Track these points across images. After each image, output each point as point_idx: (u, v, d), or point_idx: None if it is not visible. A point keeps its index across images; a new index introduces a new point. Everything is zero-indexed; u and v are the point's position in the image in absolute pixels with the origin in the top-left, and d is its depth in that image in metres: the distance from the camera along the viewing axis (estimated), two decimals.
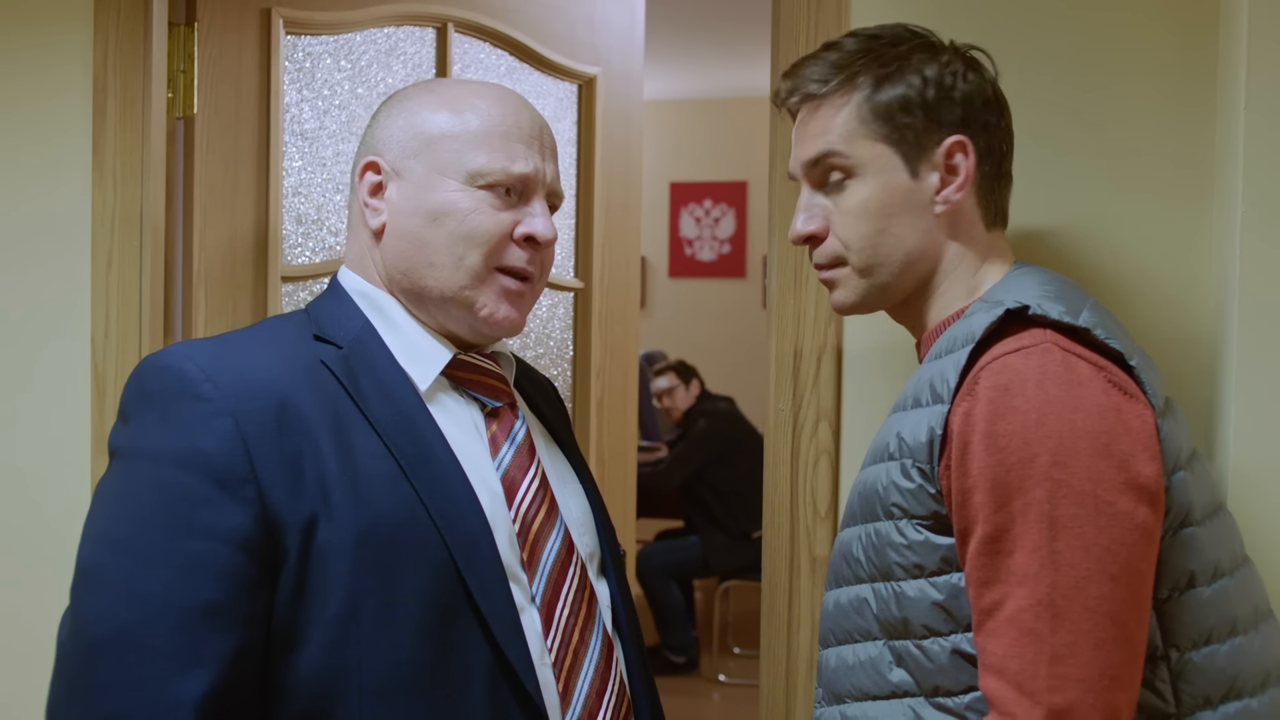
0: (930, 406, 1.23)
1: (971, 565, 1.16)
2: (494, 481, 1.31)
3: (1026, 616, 1.12)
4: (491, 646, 1.22)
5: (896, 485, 1.23)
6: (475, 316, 1.32)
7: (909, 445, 1.22)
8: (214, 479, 1.15)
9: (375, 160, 1.34)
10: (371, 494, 1.20)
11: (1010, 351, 1.18)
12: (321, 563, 1.17)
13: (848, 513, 1.32)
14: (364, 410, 1.24)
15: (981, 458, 1.15)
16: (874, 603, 1.25)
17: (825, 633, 1.33)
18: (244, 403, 1.18)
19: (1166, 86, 1.63)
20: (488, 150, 1.31)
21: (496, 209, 1.32)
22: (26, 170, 1.98)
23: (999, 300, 1.24)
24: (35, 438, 1.99)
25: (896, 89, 1.32)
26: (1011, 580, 1.13)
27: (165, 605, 1.12)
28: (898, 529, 1.23)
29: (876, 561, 1.25)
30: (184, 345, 1.25)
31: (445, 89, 1.37)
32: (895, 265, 1.34)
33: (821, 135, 1.34)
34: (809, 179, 1.37)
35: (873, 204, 1.32)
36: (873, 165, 1.33)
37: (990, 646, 1.14)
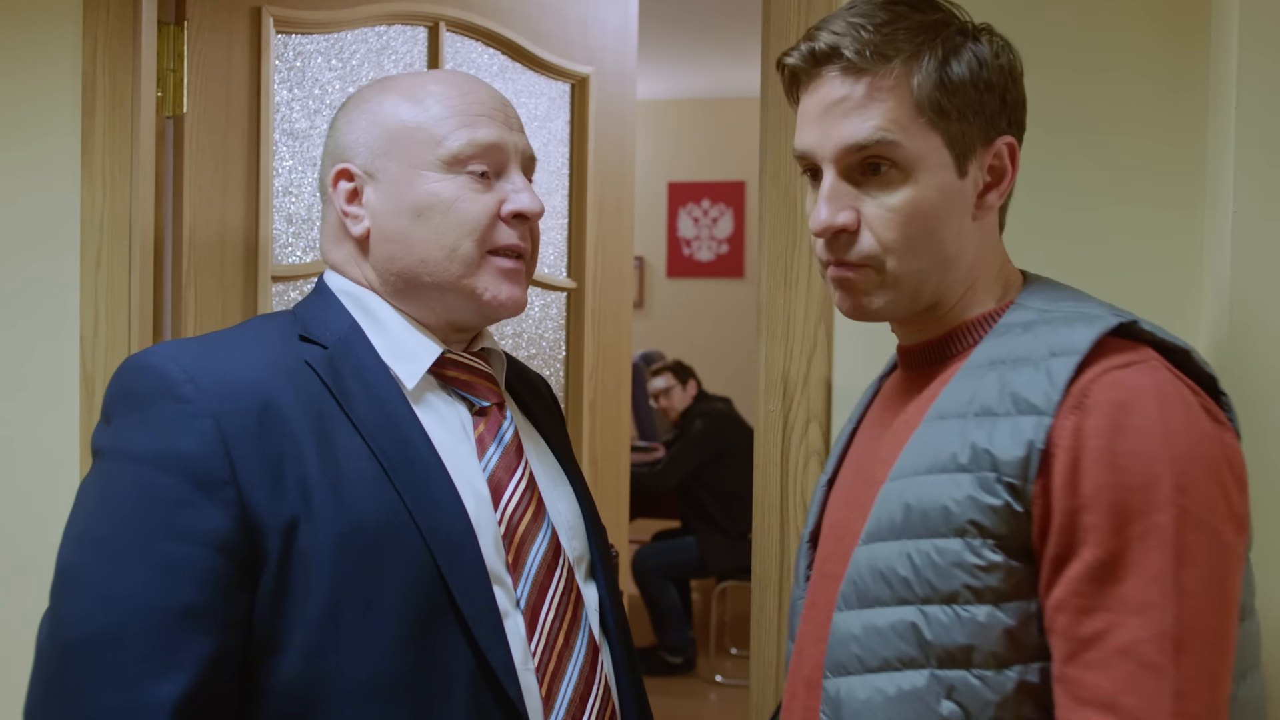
0: (1018, 417, 1.10)
1: (1069, 590, 1.07)
2: (480, 483, 1.29)
3: (1147, 649, 1.03)
4: (473, 651, 1.21)
5: (976, 501, 1.10)
6: (479, 302, 1.31)
7: (997, 458, 1.09)
8: (194, 481, 1.14)
9: (346, 167, 1.33)
10: (353, 497, 1.19)
11: (1119, 366, 1.09)
12: (302, 566, 1.16)
13: (877, 525, 1.17)
14: (348, 412, 1.23)
15: (1097, 476, 1.06)
16: (927, 628, 1.11)
17: (845, 659, 1.16)
18: (225, 404, 1.17)
19: (1158, 85, 1.63)
20: (454, 130, 1.30)
21: (478, 192, 1.30)
22: (15, 170, 1.98)
23: (1081, 313, 1.15)
24: (24, 437, 1.99)
25: (960, 72, 1.16)
26: (1124, 609, 1.04)
27: (143, 607, 1.11)
28: (971, 549, 1.10)
29: (935, 582, 1.11)
30: (167, 345, 1.25)
31: (400, 83, 1.36)
32: (930, 272, 1.20)
33: (871, 119, 1.16)
34: (839, 165, 1.19)
35: (923, 204, 1.17)
36: (926, 160, 1.17)
37: (1093, 679, 1.05)
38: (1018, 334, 1.18)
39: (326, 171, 1.36)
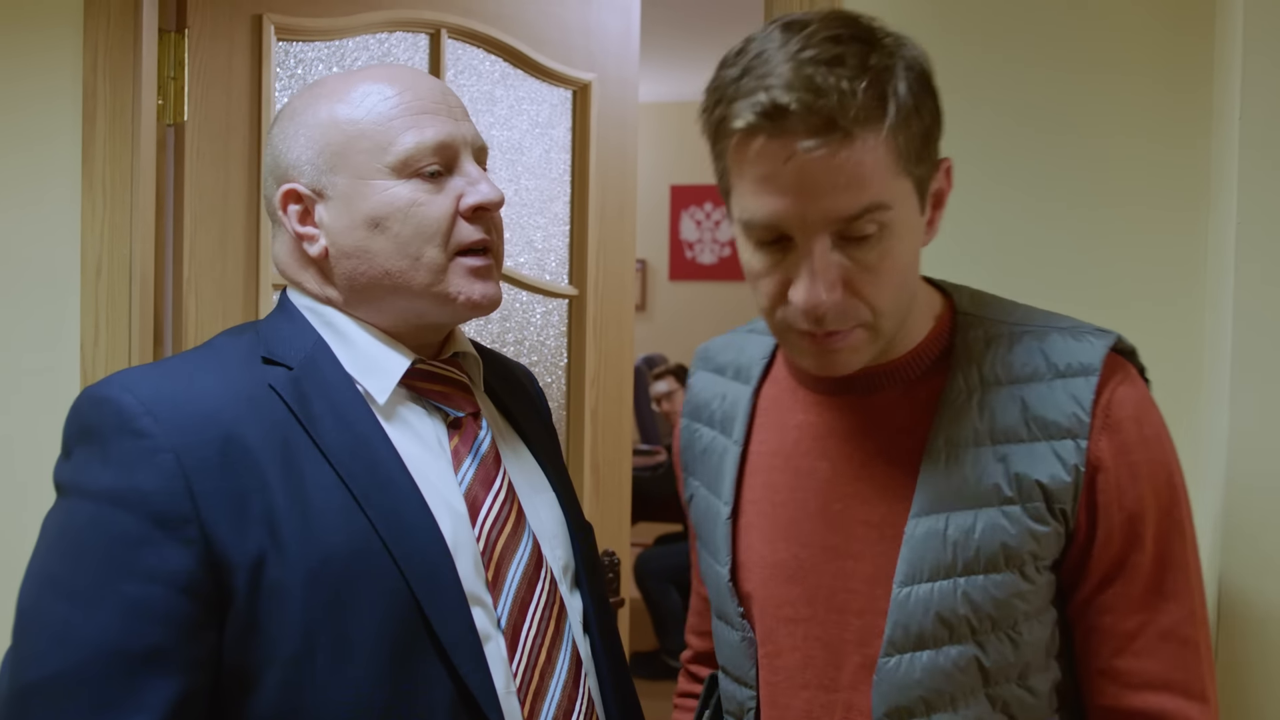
0: (1051, 441, 1.13)
1: (1119, 592, 1.16)
2: (456, 499, 1.25)
3: (1183, 629, 1.16)
4: (453, 680, 1.17)
5: (1032, 532, 1.13)
6: (453, 305, 1.27)
7: (1048, 488, 1.13)
8: (154, 519, 1.10)
9: (293, 188, 1.27)
10: (323, 528, 1.14)
11: (1120, 382, 1.16)
12: (272, 602, 1.12)
13: (919, 565, 1.14)
14: (315, 438, 1.18)
15: (1136, 487, 1.14)
16: (987, 658, 1.14)
17: (909, 703, 1.15)
18: (186, 437, 1.12)
19: (1161, 88, 1.63)
20: (399, 134, 1.24)
21: (433, 193, 1.25)
22: (15, 177, 1.97)
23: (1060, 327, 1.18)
24: (24, 445, 1.98)
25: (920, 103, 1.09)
26: (1159, 597, 1.16)
27: (101, 650, 1.07)
28: (1025, 576, 1.14)
29: (995, 616, 1.14)
30: (124, 375, 1.19)
31: (331, 87, 1.29)
32: (903, 317, 1.17)
33: (858, 183, 1.05)
34: (831, 231, 1.08)
35: (904, 256, 1.12)
36: (904, 214, 1.10)
37: (1142, 665, 1.16)
38: (1000, 349, 1.18)
39: (272, 192, 1.30)
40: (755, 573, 1.27)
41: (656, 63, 6.27)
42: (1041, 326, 1.19)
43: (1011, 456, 1.14)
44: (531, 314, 2.46)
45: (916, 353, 1.21)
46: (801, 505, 1.24)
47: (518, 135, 2.41)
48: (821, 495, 1.23)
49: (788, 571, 1.24)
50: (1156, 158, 1.63)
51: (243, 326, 1.33)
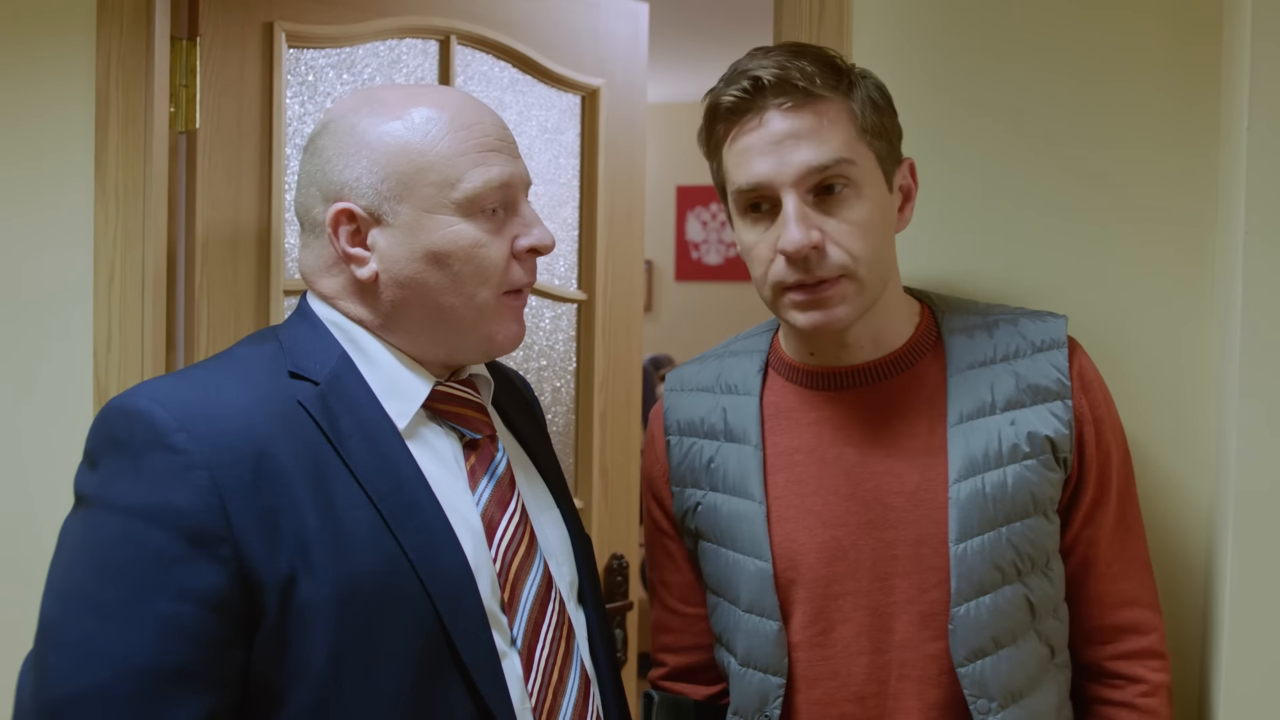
0: (1045, 404, 1.36)
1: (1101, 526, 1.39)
2: (474, 519, 1.27)
3: (1143, 554, 1.42)
4: (473, 698, 1.19)
5: (1050, 479, 1.35)
6: (492, 344, 1.29)
7: (1055, 441, 1.35)
8: (188, 536, 1.09)
9: (348, 208, 1.25)
10: (353, 548, 1.15)
11: (1076, 350, 1.41)
12: (301, 622, 1.12)
13: (967, 523, 1.32)
14: (344, 456, 1.19)
15: (1106, 436, 1.39)
16: (1034, 595, 1.34)
17: (981, 643, 1.32)
18: (220, 454, 1.12)
19: (1169, 100, 1.63)
20: (468, 170, 1.24)
21: (494, 234, 1.26)
22: (29, 184, 1.98)
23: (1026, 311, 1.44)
24: (37, 451, 1.99)
25: (882, 102, 1.34)
26: (1125, 528, 1.41)
27: (132, 668, 1.07)
28: (1047, 518, 1.36)
29: (1034, 555, 1.34)
30: (153, 387, 1.19)
31: (392, 108, 1.26)
32: (885, 283, 1.35)
33: (828, 142, 1.27)
34: (798, 188, 1.27)
35: (875, 217, 1.31)
36: (870, 178, 1.31)
37: (1121, 587, 1.40)
38: (984, 335, 1.40)
39: (316, 206, 1.28)
40: (799, 560, 1.37)
41: (663, 64, 6.28)
42: (1010, 314, 1.43)
43: (1020, 419, 1.34)
44: (540, 318, 2.47)
45: (911, 344, 1.40)
46: (834, 491, 1.37)
47: (527, 141, 2.42)
48: (851, 479, 1.37)
49: (829, 552, 1.36)
50: (1164, 170, 1.63)
51: (262, 334, 1.32)
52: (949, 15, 1.70)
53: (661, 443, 1.51)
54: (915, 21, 1.71)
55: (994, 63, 1.69)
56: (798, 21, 1.75)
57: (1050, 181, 1.67)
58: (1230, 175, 1.53)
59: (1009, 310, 1.44)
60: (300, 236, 1.33)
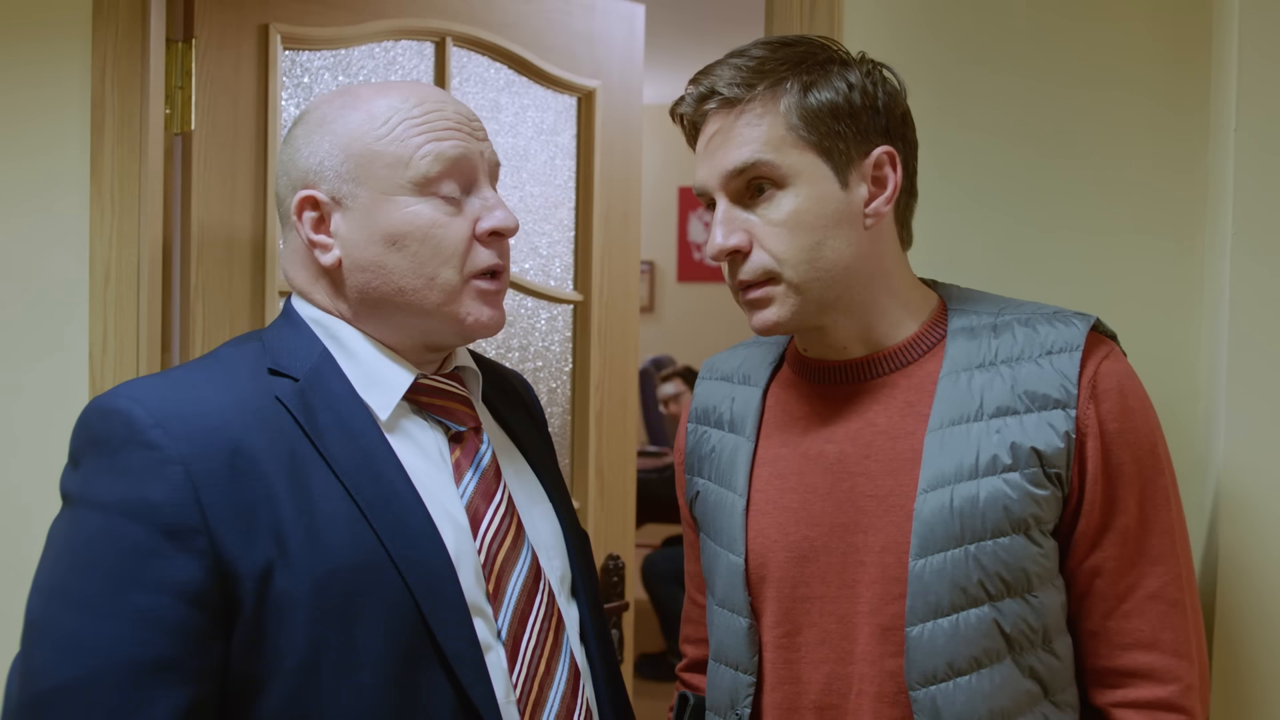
0: (1040, 412, 1.24)
1: (1107, 555, 1.25)
2: (458, 512, 1.27)
3: (1170, 590, 1.25)
4: (455, 690, 1.19)
5: (1032, 495, 1.23)
6: (462, 325, 1.29)
7: (1042, 453, 1.23)
8: (164, 530, 1.11)
9: (311, 194, 1.27)
10: (329, 539, 1.16)
11: (1105, 357, 1.27)
12: (278, 613, 1.13)
13: (929, 536, 1.23)
14: (321, 450, 1.20)
15: (1119, 453, 1.24)
16: (1005, 621, 1.22)
17: (934, 668, 1.23)
18: (195, 449, 1.14)
19: (1160, 110, 1.64)
20: (422, 149, 1.25)
21: (452, 214, 1.26)
22: (25, 186, 1.99)
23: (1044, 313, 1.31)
24: (32, 452, 2.00)
25: (825, 94, 1.26)
26: (1146, 561, 1.25)
27: (112, 660, 1.09)
28: (1032, 540, 1.23)
29: (1008, 579, 1.23)
30: (132, 386, 1.20)
31: (360, 99, 1.29)
32: (833, 280, 1.28)
33: (746, 144, 1.26)
34: (728, 191, 1.29)
35: (806, 215, 1.26)
36: (803, 175, 1.26)
37: (1133, 626, 1.25)
38: (989, 336, 1.30)
39: (287, 195, 1.30)
40: (769, 557, 1.33)
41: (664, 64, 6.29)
42: (1028, 314, 1.31)
43: (1006, 428, 1.24)
44: (536, 319, 2.48)
45: (911, 341, 1.33)
46: (811, 489, 1.33)
47: (523, 142, 2.43)
48: (830, 477, 1.32)
49: (801, 552, 1.31)
50: (1154, 177, 1.64)
51: (247, 336, 1.34)
52: (939, 22, 1.70)
53: (684, 429, 1.51)
54: (906, 28, 1.72)
55: (984, 70, 1.69)
56: (789, 26, 1.76)
57: (1039, 187, 1.68)
58: (1218, 179, 1.53)
59: (1032, 310, 1.33)
60: (282, 234, 1.35)
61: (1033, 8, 1.68)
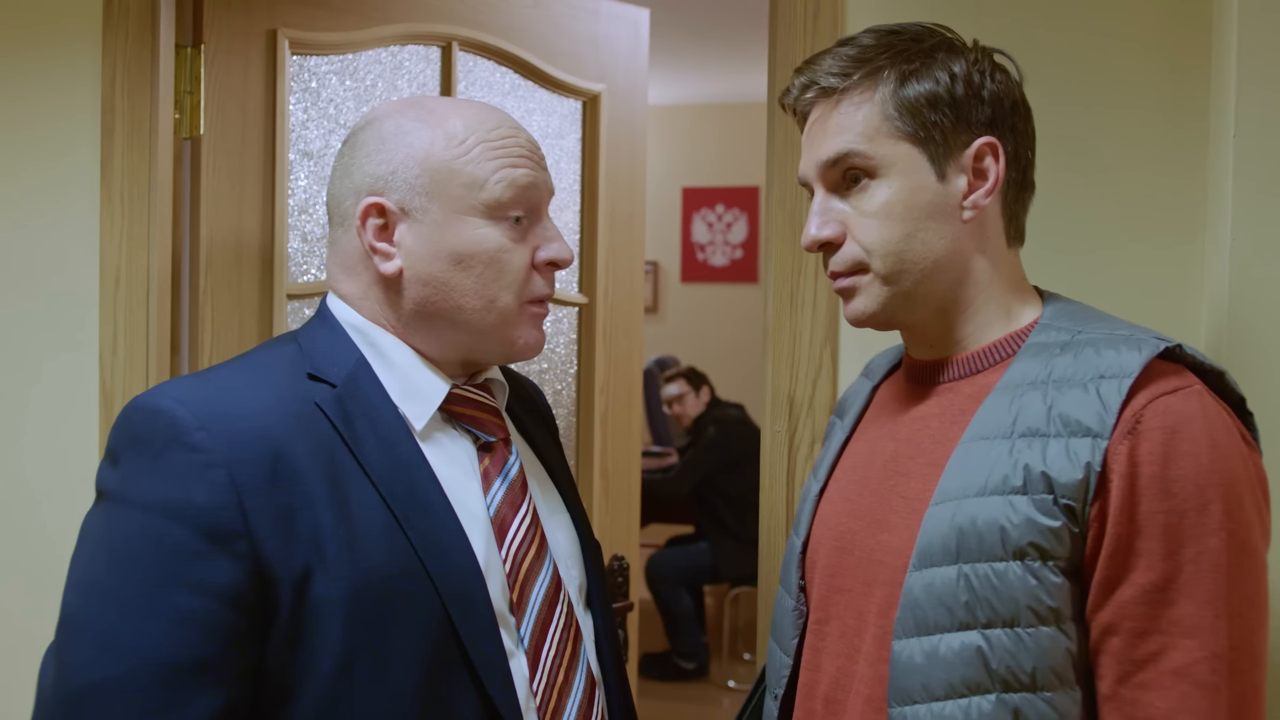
0: (1070, 439, 1.13)
1: (1123, 613, 1.10)
2: (486, 522, 1.29)
3: (1202, 670, 1.08)
4: (481, 697, 1.21)
5: (1034, 523, 1.12)
6: (512, 347, 1.32)
7: (1054, 480, 1.12)
8: (206, 533, 1.12)
9: (379, 201, 1.28)
10: (366, 547, 1.18)
11: (1168, 392, 1.12)
12: (315, 617, 1.15)
13: (929, 549, 1.17)
14: (358, 457, 1.22)
15: (1150, 501, 1.09)
16: (990, 652, 1.13)
17: (910, 687, 1.16)
18: (238, 453, 1.15)
19: (1160, 111, 1.65)
20: (498, 174, 1.28)
21: (516, 241, 1.29)
22: (37, 190, 2.02)
23: (1124, 335, 1.18)
24: (44, 453, 2.02)
25: (924, 84, 1.23)
26: (1176, 631, 1.09)
27: (150, 659, 1.10)
28: (1031, 572, 1.12)
29: (997, 606, 1.13)
30: (175, 386, 1.21)
31: (437, 114, 1.31)
32: (921, 272, 1.24)
33: (841, 133, 1.25)
34: (825, 181, 1.27)
35: (898, 206, 1.23)
36: (898, 165, 1.23)
37: (1148, 699, 1.09)
38: (1055, 354, 1.20)
39: (348, 199, 1.31)
40: (821, 544, 1.34)
41: (669, 66, 6.30)
42: (1108, 336, 1.20)
43: (1029, 450, 1.14)
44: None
45: (987, 349, 1.27)
46: (864, 482, 1.32)
47: None
48: (880, 473, 1.30)
49: (843, 542, 1.31)
50: (1156, 188, 1.64)
51: (283, 338, 1.35)
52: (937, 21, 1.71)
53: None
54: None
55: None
56: (792, 29, 1.78)
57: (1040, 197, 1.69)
58: (1217, 186, 1.55)
59: (1116, 330, 1.21)
60: (329, 231, 1.36)
61: (1035, 17, 1.69)
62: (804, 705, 1.33)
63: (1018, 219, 1.30)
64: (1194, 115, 1.63)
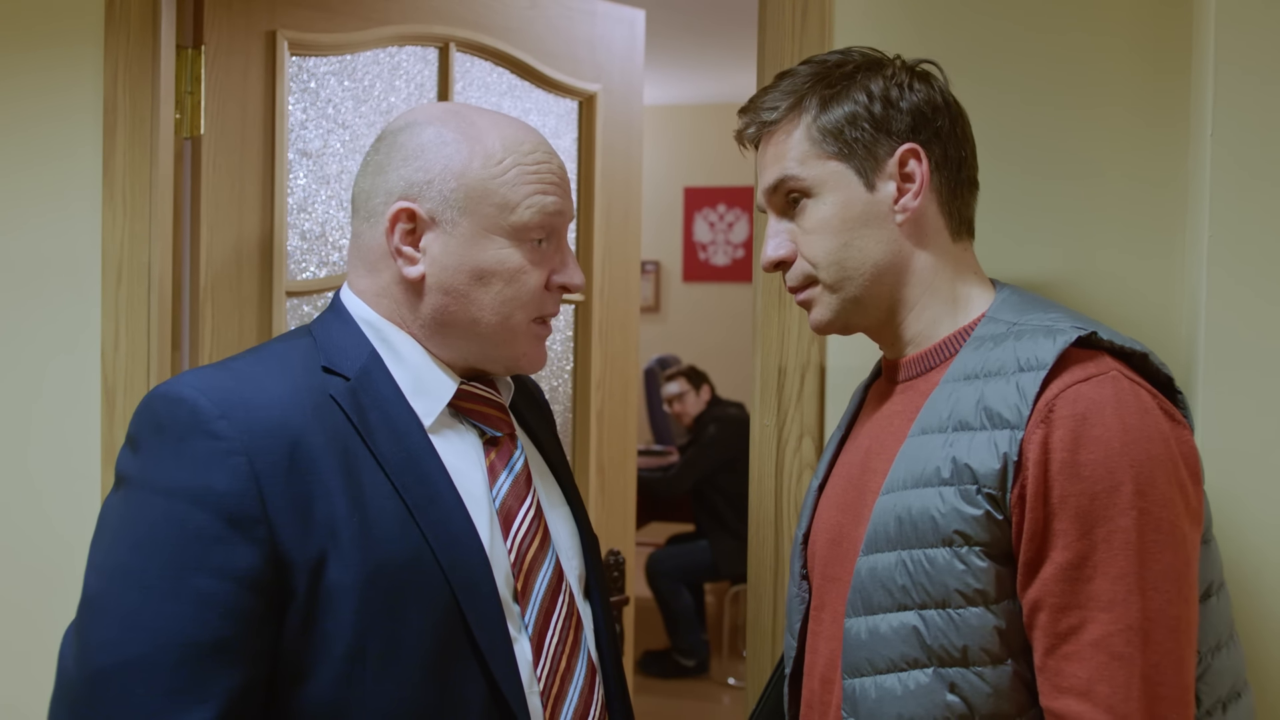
0: (992, 430, 1.20)
1: (1045, 590, 1.17)
2: (492, 513, 1.34)
3: (1116, 641, 1.14)
4: (487, 681, 1.26)
5: (960, 512, 1.20)
6: (515, 361, 1.37)
7: (975, 471, 1.20)
8: (226, 518, 1.16)
9: (411, 207, 1.31)
10: (380, 535, 1.22)
11: (1081, 380, 1.18)
12: (329, 602, 1.19)
13: (874, 536, 1.27)
14: (372, 448, 1.26)
15: (1063, 485, 1.16)
16: (926, 631, 1.21)
17: (858, 662, 1.27)
18: (257, 441, 1.19)
19: (1140, 112, 1.67)
20: (529, 200, 1.32)
21: (535, 263, 1.34)
22: (39, 188, 2.04)
23: (1045, 326, 1.25)
24: (47, 448, 2.05)
25: (843, 106, 1.33)
26: (1093, 605, 1.15)
27: (172, 640, 1.13)
28: (959, 557, 1.20)
29: (929, 589, 1.21)
30: (196, 376, 1.24)
31: (478, 128, 1.34)
32: (864, 278, 1.33)
33: (777, 161, 1.36)
34: (772, 206, 1.39)
35: (833, 220, 1.34)
36: (829, 183, 1.34)
37: (1071, 669, 1.16)
38: (989, 348, 1.27)
39: (378, 196, 1.33)
40: (819, 536, 1.42)
41: (670, 66, 6.31)
42: (1037, 326, 1.26)
43: (958, 442, 1.22)
44: None
45: (938, 346, 1.35)
46: (849, 478, 1.40)
47: None
48: (858, 468, 1.39)
49: (833, 535, 1.39)
50: (1136, 188, 1.66)
51: (297, 331, 1.39)
52: (927, 35, 1.73)
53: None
54: (894, 38, 1.75)
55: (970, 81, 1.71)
56: (780, 31, 1.80)
57: (1022, 197, 1.71)
58: (1196, 186, 1.57)
59: (1047, 321, 1.27)
60: (352, 223, 1.39)
61: (1017, 20, 1.71)
62: (807, 685, 1.41)
63: (959, 214, 1.37)
64: (1175, 115, 1.65)
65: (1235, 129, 1.48)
